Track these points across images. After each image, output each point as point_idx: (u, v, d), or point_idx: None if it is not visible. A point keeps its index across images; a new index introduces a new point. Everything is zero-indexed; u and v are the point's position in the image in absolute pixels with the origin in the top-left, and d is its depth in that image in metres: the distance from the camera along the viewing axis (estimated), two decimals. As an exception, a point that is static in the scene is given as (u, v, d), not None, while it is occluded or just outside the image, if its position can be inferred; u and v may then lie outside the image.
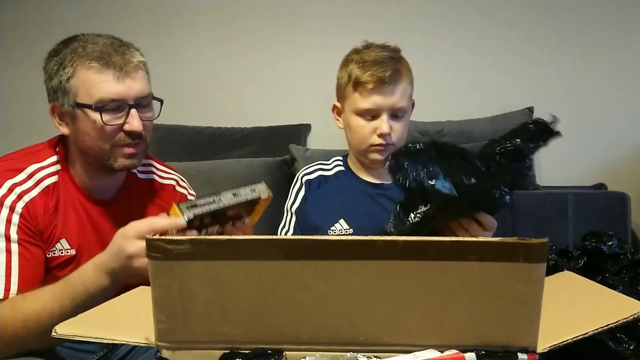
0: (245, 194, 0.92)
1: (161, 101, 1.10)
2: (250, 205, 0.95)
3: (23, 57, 2.32)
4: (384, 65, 1.14)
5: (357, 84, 1.16)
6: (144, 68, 1.07)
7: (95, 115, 1.01)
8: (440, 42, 2.06)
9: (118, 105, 1.02)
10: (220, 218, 0.93)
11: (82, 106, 1.02)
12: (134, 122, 1.03)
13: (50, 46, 1.10)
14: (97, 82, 1.01)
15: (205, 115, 2.18)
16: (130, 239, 0.90)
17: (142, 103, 1.06)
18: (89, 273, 0.95)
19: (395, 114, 1.17)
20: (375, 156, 1.19)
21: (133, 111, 1.04)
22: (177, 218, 0.87)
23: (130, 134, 1.04)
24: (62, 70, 1.02)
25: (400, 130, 1.18)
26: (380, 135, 1.16)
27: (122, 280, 0.94)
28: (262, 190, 0.94)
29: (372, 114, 1.17)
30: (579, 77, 1.97)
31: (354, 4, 2.11)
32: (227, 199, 0.90)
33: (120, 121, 1.03)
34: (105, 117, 1.02)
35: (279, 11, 2.17)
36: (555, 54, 1.98)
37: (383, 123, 1.15)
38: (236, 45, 2.20)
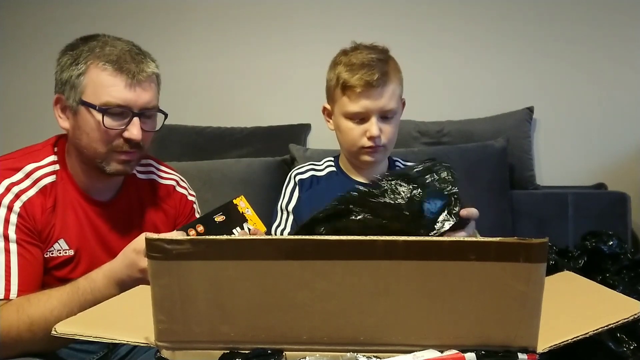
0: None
1: (165, 114, 1.11)
2: (233, 211, 1.08)
3: (24, 57, 2.33)
4: (372, 68, 1.14)
5: (346, 88, 1.16)
6: (155, 80, 1.08)
7: (98, 117, 1.02)
8: (441, 42, 2.06)
9: (122, 112, 1.03)
10: (211, 225, 1.06)
11: (86, 104, 1.02)
12: (134, 130, 1.04)
13: (53, 46, 1.10)
14: (107, 85, 1.01)
15: (205, 115, 2.17)
16: (143, 253, 0.91)
17: (146, 113, 1.07)
18: (99, 283, 0.97)
19: (384, 116, 1.17)
20: (366, 158, 1.19)
21: (135, 119, 1.04)
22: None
23: (129, 141, 1.05)
24: (74, 65, 1.02)
25: (390, 132, 1.18)
26: (370, 138, 1.16)
27: (128, 287, 0.94)
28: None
29: (361, 117, 1.16)
30: (579, 77, 1.97)
31: (354, 3, 2.11)
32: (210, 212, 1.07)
33: (121, 127, 1.04)
34: (108, 120, 1.02)
35: (278, 11, 2.17)
36: (555, 54, 1.98)
37: (372, 126, 1.15)
38: (236, 45, 2.20)
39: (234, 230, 1.08)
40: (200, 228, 1.04)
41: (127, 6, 2.26)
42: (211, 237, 0.60)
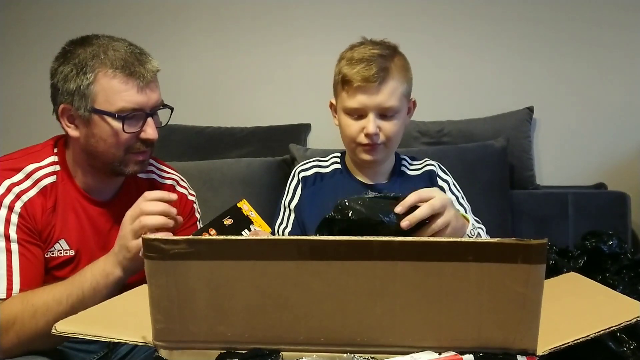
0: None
1: (171, 109, 1.11)
2: (239, 215, 1.08)
3: (23, 57, 2.32)
4: (370, 63, 1.11)
5: (345, 82, 1.14)
6: (157, 76, 1.08)
7: (115, 123, 1.03)
8: (441, 41, 2.05)
9: (136, 114, 1.04)
10: (222, 229, 1.07)
11: (101, 112, 1.02)
12: (150, 130, 1.06)
13: (51, 46, 1.09)
14: (120, 91, 1.02)
15: (205, 115, 2.17)
16: (126, 224, 0.97)
17: (156, 111, 1.08)
18: (100, 263, 0.99)
19: (384, 114, 1.13)
20: (364, 156, 1.17)
21: (150, 120, 1.06)
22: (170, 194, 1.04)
23: (145, 141, 1.07)
24: (82, 75, 1.02)
25: (390, 130, 1.14)
26: (367, 135, 1.13)
27: (128, 269, 0.97)
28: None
29: (358, 113, 1.14)
30: (579, 77, 1.96)
31: (354, 3, 2.11)
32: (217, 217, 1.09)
33: (137, 129, 1.05)
34: (127, 126, 1.03)
35: (278, 11, 2.17)
36: (555, 53, 1.97)
37: (369, 123, 1.12)
38: (236, 45, 2.20)
39: (242, 233, 1.08)
40: (213, 232, 1.05)
41: (127, 6, 2.26)
42: (208, 237, 0.60)
